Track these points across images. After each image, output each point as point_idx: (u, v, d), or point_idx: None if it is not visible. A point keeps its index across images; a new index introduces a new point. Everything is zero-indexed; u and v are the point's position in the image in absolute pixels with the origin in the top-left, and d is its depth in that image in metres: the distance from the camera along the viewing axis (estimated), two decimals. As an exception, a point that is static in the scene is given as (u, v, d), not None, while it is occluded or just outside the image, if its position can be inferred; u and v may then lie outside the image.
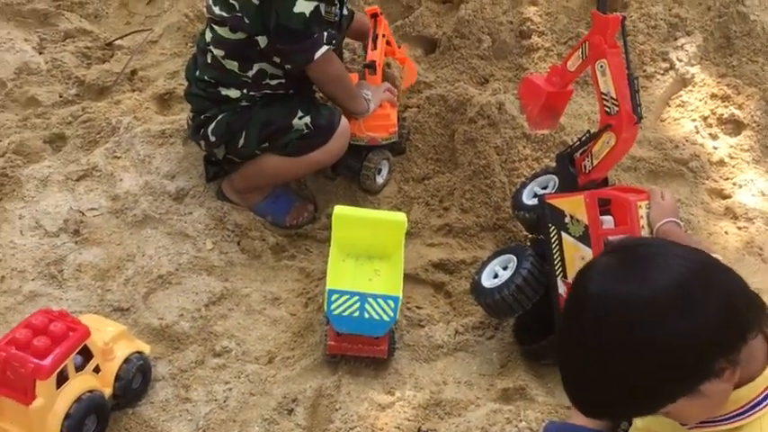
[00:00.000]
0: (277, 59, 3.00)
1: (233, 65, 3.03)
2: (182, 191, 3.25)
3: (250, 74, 3.04)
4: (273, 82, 3.06)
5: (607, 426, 2.21)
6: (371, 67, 3.30)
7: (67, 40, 3.93)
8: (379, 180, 3.32)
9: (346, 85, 3.16)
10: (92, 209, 3.18)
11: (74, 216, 3.12)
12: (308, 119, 3.04)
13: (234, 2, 2.94)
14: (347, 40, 3.62)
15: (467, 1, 3.81)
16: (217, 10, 3.00)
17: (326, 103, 3.23)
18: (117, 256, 3.04)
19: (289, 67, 3.01)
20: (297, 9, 2.87)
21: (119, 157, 3.35)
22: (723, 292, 1.56)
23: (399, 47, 3.53)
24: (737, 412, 1.67)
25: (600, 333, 1.55)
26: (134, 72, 3.79)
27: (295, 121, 3.04)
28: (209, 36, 3.06)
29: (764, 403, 1.65)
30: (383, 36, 3.35)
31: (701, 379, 1.55)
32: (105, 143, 3.40)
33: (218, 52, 3.03)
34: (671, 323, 1.52)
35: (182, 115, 3.38)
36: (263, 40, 2.97)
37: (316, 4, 2.89)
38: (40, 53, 3.82)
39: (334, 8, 3.04)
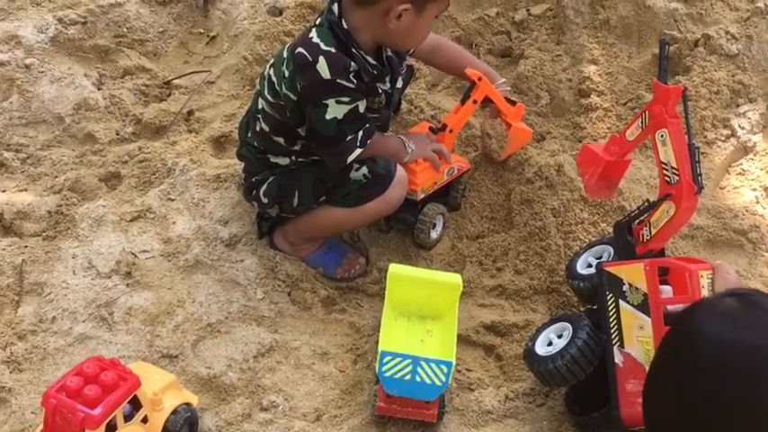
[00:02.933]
0: None
1: (279, 140, 3.04)
2: (234, 237, 3.24)
3: (297, 148, 3.05)
4: (315, 153, 3.05)
5: None
6: (439, 130, 3.28)
7: (126, 77, 3.95)
8: (434, 235, 3.29)
9: (388, 153, 3.11)
10: (144, 251, 3.18)
11: (126, 258, 3.12)
12: (365, 169, 3.02)
13: (278, 89, 2.95)
14: (406, 90, 3.61)
15: (526, 57, 3.80)
16: (265, 90, 3.01)
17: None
18: (167, 301, 3.03)
19: None
20: (328, 116, 2.86)
21: (173, 200, 3.35)
22: None
23: (515, 104, 3.37)
24: None
25: (720, 377, 1.46)
26: (191, 113, 3.81)
27: (352, 173, 3.02)
28: (259, 105, 3.07)
29: None
30: (475, 102, 3.26)
31: None
32: (160, 184, 3.40)
33: (265, 127, 3.04)
34: None
35: (236, 160, 3.38)
36: (302, 130, 2.98)
37: (349, 107, 2.87)
38: (99, 89, 3.84)
39: (379, 96, 3.02)
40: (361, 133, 2.94)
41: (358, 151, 2.94)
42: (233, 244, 3.22)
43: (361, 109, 2.92)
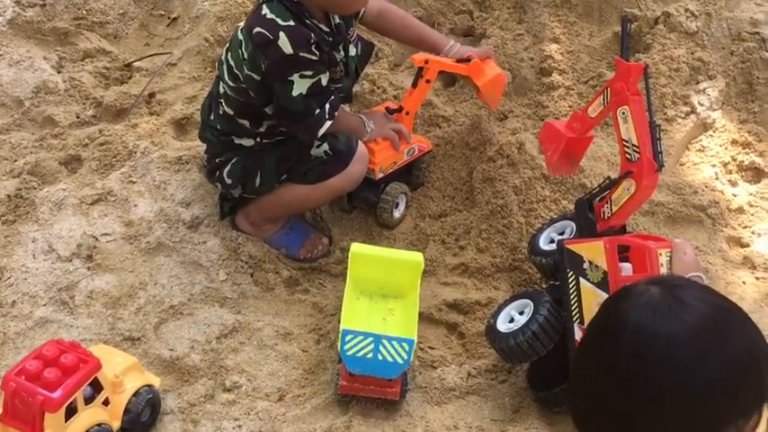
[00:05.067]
0: None
1: (244, 122, 3.03)
2: (196, 219, 3.22)
3: (262, 129, 3.04)
4: (286, 129, 3.05)
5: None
6: (396, 111, 3.28)
7: (86, 60, 3.91)
8: (396, 214, 3.30)
9: (349, 129, 3.12)
10: (105, 234, 3.16)
11: (87, 241, 3.10)
12: (326, 146, 3.03)
13: (238, 73, 2.94)
14: (368, 71, 3.61)
15: (488, 36, 3.80)
16: (225, 75, 3.00)
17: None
18: (129, 283, 3.02)
19: None
20: (295, 92, 2.86)
21: (134, 182, 3.33)
22: (750, 347, 1.52)
23: (469, 60, 3.25)
24: None
25: (634, 364, 1.51)
26: (152, 95, 3.78)
27: (313, 150, 3.03)
28: (220, 89, 3.05)
29: None
30: (428, 82, 3.25)
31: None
32: (121, 167, 3.38)
33: (229, 110, 3.03)
34: (708, 369, 1.49)
35: (198, 142, 3.36)
36: (270, 108, 2.98)
37: (312, 80, 2.87)
38: (59, 72, 3.81)
39: (338, 66, 3.02)
40: (328, 106, 2.94)
41: (328, 123, 2.95)
42: (195, 226, 3.21)
43: (324, 82, 2.91)
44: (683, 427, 1.53)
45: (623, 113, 2.63)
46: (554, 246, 2.78)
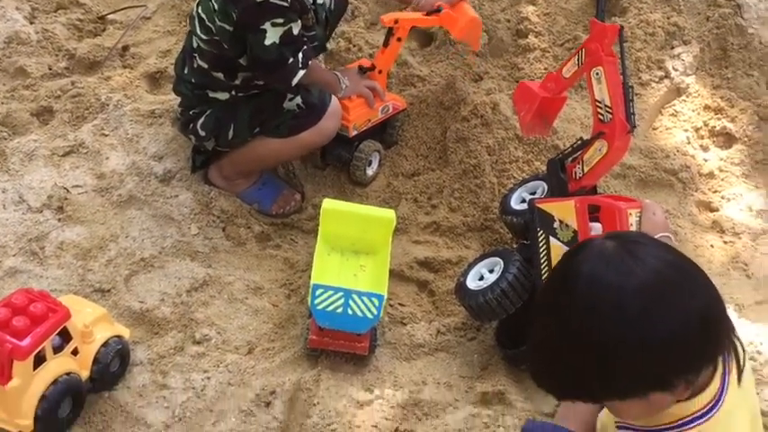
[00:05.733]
0: None
1: (219, 75, 3.01)
2: (169, 173, 3.21)
3: (237, 82, 3.03)
4: (261, 82, 3.04)
5: (587, 427, 2.22)
6: (369, 70, 3.27)
7: (59, 11, 3.87)
8: (369, 172, 3.30)
9: (323, 83, 3.12)
10: (77, 186, 3.14)
11: (58, 192, 3.09)
12: (298, 99, 3.03)
13: (210, 25, 2.91)
14: (344, 28, 3.60)
15: (465, -3, 3.78)
16: (197, 29, 2.97)
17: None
18: (100, 235, 3.00)
19: None
20: (267, 41, 2.84)
21: (106, 135, 3.31)
22: (704, 307, 1.58)
23: (439, 11, 3.20)
24: (664, 428, 1.71)
25: (586, 316, 1.56)
26: (125, 48, 3.75)
27: (286, 103, 3.03)
28: (194, 44, 3.02)
29: (694, 424, 1.68)
30: (399, 40, 3.23)
31: (656, 387, 1.59)
32: (93, 119, 3.36)
33: (203, 64, 3.01)
34: (658, 324, 1.54)
35: (172, 96, 3.33)
36: (244, 60, 2.96)
37: (284, 28, 2.85)
38: (31, 23, 3.76)
39: (308, 15, 3.01)
40: (300, 55, 2.93)
41: (301, 72, 2.94)
42: (167, 180, 3.20)
43: (296, 30, 2.90)
44: (633, 378, 1.58)
45: (597, 74, 2.63)
46: (525, 205, 2.79)
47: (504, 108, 3.32)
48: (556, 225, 2.61)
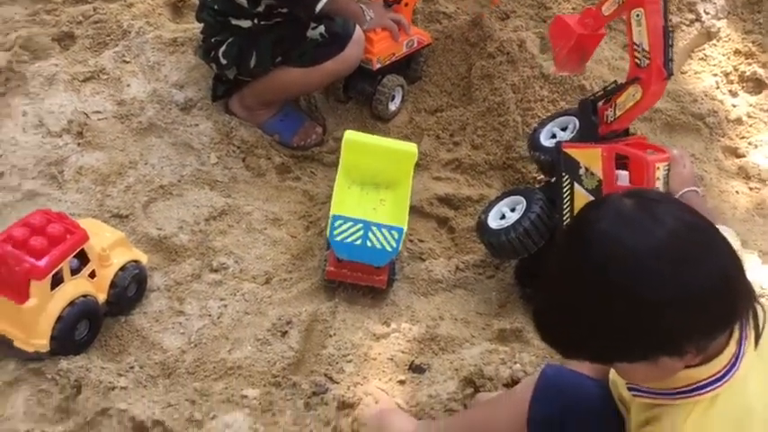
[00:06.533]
0: None
1: (242, 2, 2.96)
2: (190, 101, 3.18)
3: (260, 9, 2.98)
4: (284, 10, 2.99)
5: (603, 374, 2.20)
6: (394, 3, 3.21)
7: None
8: (392, 107, 3.26)
9: (347, 13, 3.07)
10: (96, 112, 3.12)
11: (78, 118, 3.06)
12: (321, 28, 2.98)
13: None
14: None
15: (496, -68, 3.71)
16: None
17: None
18: (119, 162, 2.99)
19: None
20: None
21: (128, 62, 3.28)
22: (721, 272, 1.53)
23: None
24: (675, 391, 1.68)
25: (599, 275, 1.52)
26: (148, -25, 3.70)
27: (309, 32, 2.99)
28: None
29: (708, 388, 1.65)
30: None
31: (665, 352, 1.56)
32: (115, 46, 3.32)
33: None
34: (673, 287, 1.50)
35: (195, 24, 3.29)
36: None
37: None
38: (52, -53, 3.71)
39: None
40: None
41: (324, 0, 2.89)
42: (188, 108, 3.17)
43: None
44: (642, 341, 1.55)
45: (637, 16, 2.54)
46: (554, 142, 2.74)
47: (530, 46, 3.27)
48: (581, 172, 2.57)
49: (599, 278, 1.53)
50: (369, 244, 2.59)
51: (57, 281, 2.34)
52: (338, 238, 2.59)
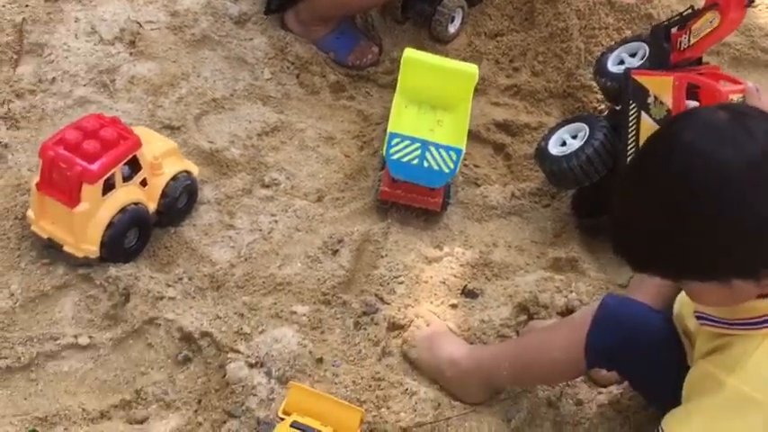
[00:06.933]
0: None
1: None
2: (244, 15, 3.11)
3: None
4: None
5: (664, 304, 2.15)
6: None
7: None
8: (451, 29, 3.16)
9: None
10: (149, 21, 3.05)
11: (131, 27, 3.00)
12: None
13: None
14: None
15: None
16: None
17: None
18: (171, 73, 2.93)
19: None
20: None
21: (182, -28, 3.20)
22: None
23: None
24: (746, 321, 1.63)
25: (682, 186, 1.48)
26: None
27: None
28: None
29: None
30: None
31: (740, 273, 1.51)
32: (169, -44, 3.25)
33: None
34: (759, 206, 1.45)
35: (251, -65, 3.21)
36: None
37: None
38: None
39: None
40: None
41: None
42: (242, 22, 3.10)
43: None
44: (718, 259, 1.51)
45: None
46: (622, 68, 2.64)
47: (598, -29, 3.16)
48: (650, 100, 2.47)
49: (680, 190, 1.48)
50: (426, 164, 2.52)
51: (108, 186, 2.31)
52: (395, 157, 2.53)
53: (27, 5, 2.98)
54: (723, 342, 1.69)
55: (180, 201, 2.50)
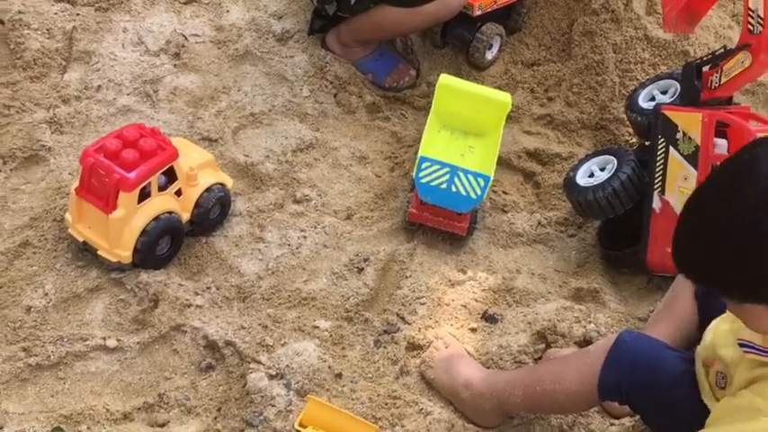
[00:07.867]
0: None
1: None
2: (287, 33, 3.18)
3: None
4: None
5: (682, 341, 2.17)
6: None
7: None
8: (489, 56, 3.21)
9: None
10: (195, 35, 3.14)
11: (176, 39, 3.09)
12: None
13: None
14: None
15: None
16: None
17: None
18: (212, 86, 3.01)
19: None
20: None
21: (229, -12, 3.29)
22: None
23: None
24: None
25: (755, 212, 1.50)
26: None
27: None
28: None
29: None
30: None
31: None
32: (218, -28, 3.33)
33: None
34: None
35: (298, -44, 3.29)
36: None
37: None
38: None
39: None
40: None
41: None
42: (285, 39, 3.17)
43: None
44: None
45: None
46: (652, 104, 2.67)
47: (636, 6, 3.18)
48: (679, 136, 2.50)
49: (761, 219, 1.50)
50: (454, 189, 2.58)
51: (144, 195, 2.38)
52: (424, 180, 2.58)
53: (78, 14, 3.08)
54: (765, 372, 1.70)
55: (212, 212, 2.57)
